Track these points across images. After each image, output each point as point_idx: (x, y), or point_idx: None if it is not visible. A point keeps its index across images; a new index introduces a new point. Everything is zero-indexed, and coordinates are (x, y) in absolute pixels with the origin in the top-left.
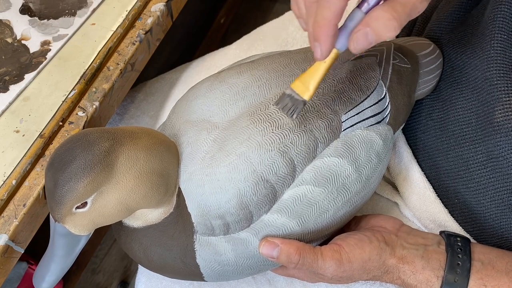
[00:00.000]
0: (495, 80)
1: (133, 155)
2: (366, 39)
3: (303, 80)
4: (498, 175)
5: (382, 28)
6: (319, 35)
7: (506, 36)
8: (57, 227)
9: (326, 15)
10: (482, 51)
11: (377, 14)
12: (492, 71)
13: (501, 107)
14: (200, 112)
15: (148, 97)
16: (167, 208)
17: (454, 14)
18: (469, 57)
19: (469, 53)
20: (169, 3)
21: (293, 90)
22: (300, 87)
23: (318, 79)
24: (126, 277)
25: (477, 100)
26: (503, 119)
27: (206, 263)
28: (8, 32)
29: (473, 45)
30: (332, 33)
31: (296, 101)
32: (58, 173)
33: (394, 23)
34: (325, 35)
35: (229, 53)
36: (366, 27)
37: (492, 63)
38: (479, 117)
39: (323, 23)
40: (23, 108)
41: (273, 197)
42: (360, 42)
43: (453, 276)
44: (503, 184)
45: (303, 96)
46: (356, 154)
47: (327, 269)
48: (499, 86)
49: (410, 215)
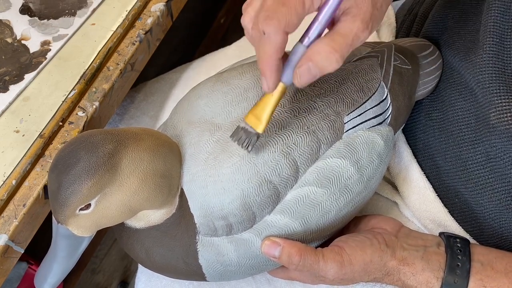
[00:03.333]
0: (487, 83)
1: (136, 156)
2: (310, 73)
3: (255, 113)
4: (497, 175)
5: (324, 61)
6: (264, 69)
7: (498, 39)
8: (60, 229)
9: (268, 50)
10: (475, 55)
11: (318, 48)
12: (485, 75)
13: (494, 109)
14: (202, 113)
15: (148, 98)
16: (169, 209)
17: (450, 14)
18: (463, 59)
19: (463, 55)
20: (169, 3)
21: (247, 123)
22: (252, 120)
23: (269, 112)
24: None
25: (475, 102)
26: (497, 121)
27: (208, 264)
28: (8, 32)
29: (468, 48)
30: (276, 67)
31: (249, 134)
32: (62, 175)
33: (335, 56)
34: (269, 70)
35: (229, 53)
36: (309, 61)
37: (484, 66)
38: (477, 118)
39: (265, 58)
40: (23, 108)
41: (276, 198)
42: (303, 77)
43: (452, 277)
44: (501, 184)
45: (256, 129)
46: (358, 155)
47: (328, 271)
48: (492, 89)
49: (410, 215)
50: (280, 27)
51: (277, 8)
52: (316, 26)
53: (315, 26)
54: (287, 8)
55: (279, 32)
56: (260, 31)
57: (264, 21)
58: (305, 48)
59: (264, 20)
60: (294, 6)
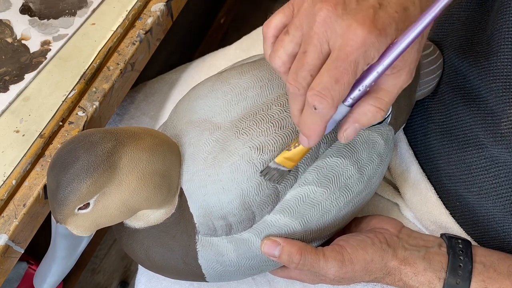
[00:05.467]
0: (501, 92)
1: (136, 155)
2: (355, 132)
3: (288, 157)
4: (502, 180)
5: (369, 120)
6: (309, 134)
7: None
8: (59, 228)
9: (317, 122)
10: (487, 62)
11: (364, 110)
12: (498, 83)
13: (506, 118)
14: (202, 112)
15: (148, 98)
16: (169, 208)
17: (455, 15)
18: (472, 65)
19: (472, 60)
20: (169, 3)
21: (278, 164)
22: (285, 162)
23: (303, 156)
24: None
25: (481, 109)
26: (508, 131)
27: (208, 264)
28: (8, 32)
29: (477, 53)
30: (322, 134)
31: (282, 172)
32: (60, 174)
33: (381, 114)
34: (316, 136)
35: (229, 53)
36: (355, 123)
37: (498, 75)
38: (484, 124)
39: (313, 127)
40: (23, 108)
41: (276, 198)
42: (350, 136)
43: (454, 278)
44: (506, 190)
45: (288, 167)
46: (358, 155)
47: (329, 270)
48: (505, 98)
49: (411, 216)
50: (334, 105)
51: (330, 85)
52: (360, 89)
53: (360, 90)
54: (341, 85)
55: (332, 109)
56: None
57: (315, 97)
58: (348, 108)
59: (315, 96)
60: (348, 82)
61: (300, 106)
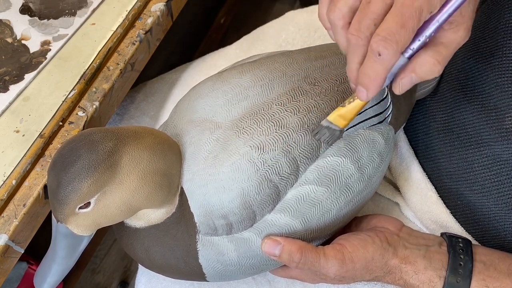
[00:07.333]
0: (507, 86)
1: (136, 154)
2: (411, 83)
3: (341, 114)
4: (504, 178)
5: (427, 72)
6: (369, 85)
7: None
8: (60, 228)
9: (380, 71)
10: (492, 57)
11: (422, 60)
12: (504, 78)
13: (510, 113)
14: (202, 111)
15: (148, 98)
16: (169, 208)
17: None
18: (478, 61)
19: (477, 57)
20: (169, 3)
21: (330, 122)
22: (337, 120)
23: (356, 114)
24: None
25: (485, 105)
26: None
27: (208, 263)
28: (8, 32)
29: (482, 49)
30: (382, 84)
31: (333, 131)
32: (61, 173)
33: (438, 67)
34: (375, 87)
35: (229, 53)
36: (412, 73)
37: (504, 70)
38: (487, 121)
39: (374, 77)
40: (23, 108)
41: (277, 197)
42: (405, 86)
43: (455, 277)
44: (508, 188)
45: (340, 126)
46: (359, 154)
47: (329, 268)
48: (510, 93)
49: (411, 216)
50: (398, 51)
51: (395, 30)
52: (421, 39)
53: (420, 40)
54: (406, 30)
55: (396, 55)
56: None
57: (381, 42)
58: (406, 60)
59: (381, 41)
60: (412, 28)
61: (359, 59)
